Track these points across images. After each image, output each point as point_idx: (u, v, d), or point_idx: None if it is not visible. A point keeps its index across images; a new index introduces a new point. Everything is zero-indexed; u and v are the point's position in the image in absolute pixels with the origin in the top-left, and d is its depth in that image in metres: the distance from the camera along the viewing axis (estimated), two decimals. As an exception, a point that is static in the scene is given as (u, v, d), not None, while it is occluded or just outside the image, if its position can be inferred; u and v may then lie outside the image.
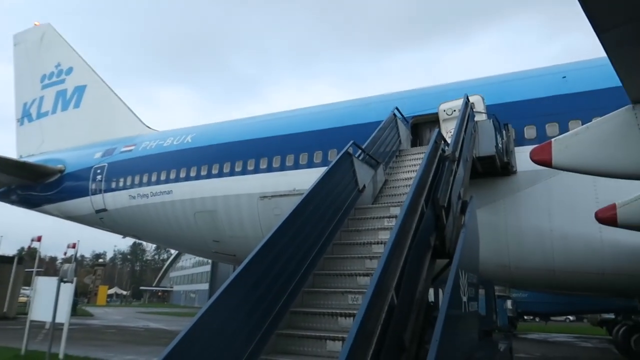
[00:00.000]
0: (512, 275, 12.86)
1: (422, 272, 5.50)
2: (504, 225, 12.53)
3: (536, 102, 13.05)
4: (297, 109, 19.20)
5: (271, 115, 19.48)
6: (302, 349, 5.14)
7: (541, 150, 7.02)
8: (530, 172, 11.70)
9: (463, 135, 9.06)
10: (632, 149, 6.21)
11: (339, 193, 7.38)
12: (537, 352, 18.53)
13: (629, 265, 11.17)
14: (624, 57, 5.48)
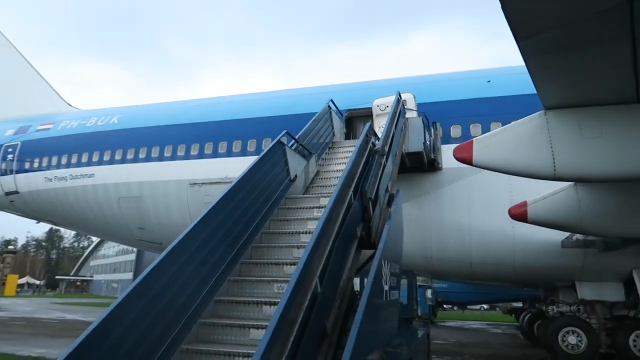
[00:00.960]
0: (434, 266, 13.56)
1: (347, 261, 5.63)
2: (428, 219, 13.16)
3: (463, 103, 13.78)
4: (232, 95, 18.82)
5: (204, 100, 18.92)
6: (225, 338, 5.08)
7: (463, 148, 7.43)
8: (454, 170, 12.34)
9: (393, 131, 9.35)
10: (542, 151, 6.76)
11: (270, 182, 7.34)
12: (453, 339, 19.74)
13: (537, 258, 12.18)
14: (539, 65, 5.92)
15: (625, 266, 11.42)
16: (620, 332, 12.39)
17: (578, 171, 6.76)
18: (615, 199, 8.67)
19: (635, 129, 6.50)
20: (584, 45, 5.39)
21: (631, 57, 5.63)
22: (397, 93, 11.79)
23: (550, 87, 6.42)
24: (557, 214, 9.17)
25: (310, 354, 4.17)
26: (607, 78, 6.12)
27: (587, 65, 5.85)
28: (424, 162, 12.53)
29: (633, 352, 12.10)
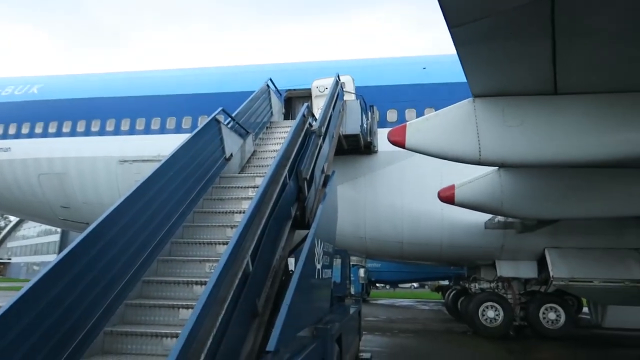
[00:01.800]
0: (367, 246, 13.98)
1: (281, 241, 5.65)
2: (363, 200, 13.48)
3: (399, 88, 14.12)
4: (167, 69, 18.00)
5: (136, 73, 17.93)
6: (153, 319, 4.94)
7: (397, 132, 7.64)
8: (389, 153, 12.67)
9: (331, 112, 9.41)
10: (469, 137, 7.11)
11: (204, 160, 7.15)
12: (384, 316, 20.60)
13: (462, 239, 12.92)
14: (468, 53, 6.17)
15: (539, 245, 12.41)
16: (532, 306, 13.55)
17: (500, 156, 7.18)
18: (532, 183, 9.34)
19: (552, 119, 6.99)
20: (509, 37, 5.68)
21: (551, 52, 6.02)
22: (335, 75, 11.84)
23: (478, 76, 6.73)
24: (481, 197, 9.73)
25: (240, 332, 4.17)
26: (528, 70, 6.52)
27: (511, 56, 6.18)
28: (361, 144, 12.77)
29: (542, 323, 13.31)
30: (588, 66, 6.36)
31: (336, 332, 5.72)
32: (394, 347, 11.68)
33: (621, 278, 11.44)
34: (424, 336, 13.86)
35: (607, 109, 6.74)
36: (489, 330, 13.27)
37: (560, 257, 11.97)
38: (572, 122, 6.79)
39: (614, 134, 6.69)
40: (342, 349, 6.27)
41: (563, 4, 5.05)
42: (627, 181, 9.22)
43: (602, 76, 6.56)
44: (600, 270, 11.62)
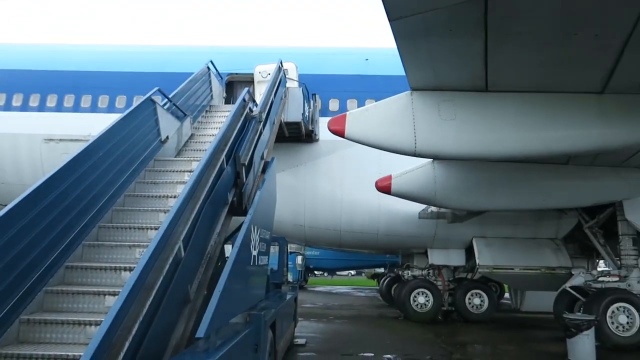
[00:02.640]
0: (306, 234, 14.09)
1: (216, 226, 5.55)
2: (303, 188, 13.55)
3: (341, 78, 14.26)
4: (99, 44, 16.93)
5: (64, 46, 16.72)
6: (76, 306, 4.68)
7: (337, 121, 7.72)
8: (330, 142, 12.76)
9: (272, 99, 9.32)
10: (405, 128, 7.33)
11: (137, 141, 6.83)
12: (321, 302, 20.95)
13: (397, 228, 13.38)
14: (407, 47, 6.34)
15: (468, 235, 13.13)
16: (459, 292, 14.36)
17: (435, 149, 7.48)
18: (463, 176, 9.84)
19: (482, 114, 7.37)
20: (445, 34, 5.89)
21: (483, 51, 6.32)
22: (278, 61, 11.72)
23: (415, 70, 6.94)
24: (416, 188, 10.12)
25: (170, 319, 4.07)
26: (462, 67, 6.81)
27: (446, 52, 6.43)
28: (302, 132, 12.78)
29: (468, 308, 14.15)
30: (516, 66, 6.76)
31: (270, 318, 5.73)
32: (329, 333, 11.93)
33: (538, 265, 12.40)
34: (357, 321, 14.26)
35: (532, 108, 7.21)
36: (419, 315, 13.91)
37: (485, 246, 12.74)
38: (500, 118, 7.19)
39: (537, 131, 7.16)
40: (276, 335, 6.30)
41: (495, 6, 5.32)
42: (548, 176, 9.97)
43: (529, 76, 7.00)
44: (521, 258, 12.51)
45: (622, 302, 9.80)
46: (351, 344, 9.97)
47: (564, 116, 7.18)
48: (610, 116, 7.07)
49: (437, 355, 8.95)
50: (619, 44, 6.03)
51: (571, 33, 5.89)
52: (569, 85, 7.12)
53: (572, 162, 9.84)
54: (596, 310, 9.60)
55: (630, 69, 6.50)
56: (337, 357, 8.73)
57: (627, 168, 9.86)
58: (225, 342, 3.92)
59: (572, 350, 8.58)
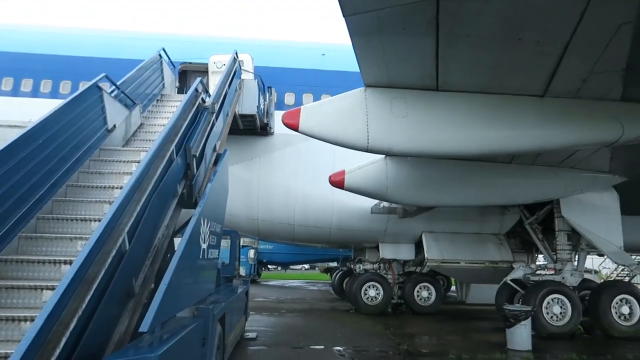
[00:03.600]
0: (259, 227, 14.01)
1: (164, 219, 5.42)
2: (257, 182, 13.46)
3: (298, 72, 14.24)
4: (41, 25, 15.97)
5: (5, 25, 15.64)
6: (9, 302, 4.42)
7: (291, 115, 7.71)
8: (285, 136, 12.73)
9: (227, 90, 9.17)
10: (359, 124, 7.43)
11: (81, 129, 6.51)
12: (273, 296, 20.92)
13: (350, 222, 13.58)
14: (361, 44, 6.42)
15: (417, 230, 13.54)
16: (408, 285, 14.77)
17: (387, 145, 7.62)
18: (414, 172, 10.10)
19: (433, 113, 7.59)
20: (398, 32, 6.02)
21: (434, 51, 6.51)
22: (234, 52, 11.54)
23: (369, 66, 7.04)
24: (369, 183, 10.29)
25: (112, 313, 3.94)
26: (414, 66, 6.98)
27: (399, 51, 6.56)
28: (257, 125, 12.68)
29: (416, 300, 14.60)
30: (465, 67, 7.00)
31: (219, 312, 5.67)
32: (280, 326, 11.94)
33: (482, 259, 12.98)
34: (309, 315, 14.36)
35: (479, 108, 7.50)
36: (369, 308, 14.20)
37: (434, 241, 13.18)
38: (449, 117, 7.44)
39: (483, 131, 7.47)
40: (225, 329, 6.24)
41: (446, 7, 5.48)
42: (493, 174, 10.43)
43: (477, 77, 7.27)
44: (466, 252, 13.05)
45: (557, 293, 10.45)
46: (302, 337, 10.03)
47: (508, 117, 7.52)
48: (549, 119, 7.47)
49: (385, 347, 9.17)
50: (559, 51, 6.39)
51: (515, 38, 6.17)
52: (514, 88, 7.46)
53: (516, 161, 10.34)
54: (533, 302, 10.18)
55: (568, 75, 6.90)
56: (287, 350, 8.76)
57: (564, 168, 10.48)
58: (171, 336, 3.85)
59: (511, 339, 9.07)
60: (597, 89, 7.23)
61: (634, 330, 10.40)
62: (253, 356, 8.30)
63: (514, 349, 8.89)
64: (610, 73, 6.83)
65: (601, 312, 10.52)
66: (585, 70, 6.79)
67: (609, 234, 10.50)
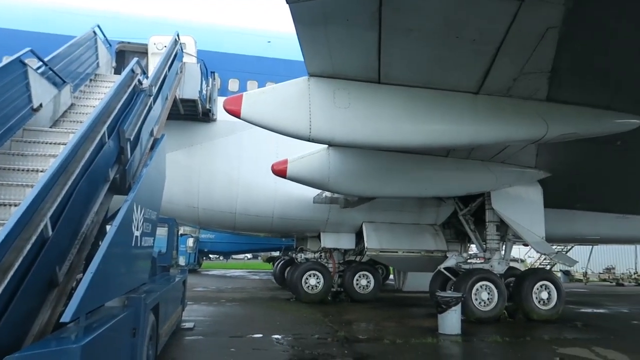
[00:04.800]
0: (199, 216, 13.70)
1: (94, 205, 5.15)
2: (198, 169, 13.13)
3: (243, 58, 13.96)
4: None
5: None
6: None
7: (233, 101, 7.55)
8: (228, 123, 12.47)
9: (166, 72, 8.84)
10: (301, 113, 7.42)
11: (1, 107, 6.03)
12: (213, 286, 20.62)
13: (292, 211, 13.60)
14: (305, 32, 6.40)
15: (358, 220, 13.82)
16: (348, 274, 15.10)
17: (329, 135, 7.67)
18: (356, 163, 10.26)
19: (374, 105, 7.72)
20: (342, 23, 6.06)
21: (377, 44, 6.61)
22: (175, 33, 11.10)
23: (313, 56, 7.04)
24: (311, 173, 10.34)
25: (32, 303, 3.71)
26: (357, 57, 7.06)
27: (342, 41, 6.61)
28: (199, 111, 12.33)
29: (355, 288, 14.95)
30: (406, 61, 7.18)
31: (152, 301, 5.50)
32: (219, 316, 11.80)
33: (419, 249, 13.51)
34: (249, 304, 14.30)
35: (418, 102, 7.72)
36: (310, 296, 14.37)
37: (374, 231, 13.53)
38: (389, 110, 7.60)
39: (421, 124, 7.71)
40: (159, 318, 6.08)
41: (389, 1, 5.58)
42: (430, 167, 10.82)
43: (417, 72, 7.47)
44: (404, 242, 13.52)
45: (485, 280, 11.08)
46: (241, 326, 9.98)
47: (445, 112, 7.81)
48: (482, 115, 7.84)
49: (323, 334, 9.33)
50: (492, 51, 6.71)
51: (453, 35, 6.40)
52: (451, 84, 7.75)
53: (452, 155, 10.80)
54: (464, 289, 10.74)
55: (500, 74, 7.26)
56: (225, 339, 8.68)
57: (495, 163, 11.07)
58: (97, 327, 3.69)
59: (442, 324, 9.54)
60: (526, 88, 7.67)
61: (550, 313, 11.29)
62: (189, 346, 8.15)
63: (444, 333, 9.36)
64: (538, 74, 7.27)
65: (523, 297, 11.31)
66: (516, 70, 7.18)
67: (533, 225, 11.25)
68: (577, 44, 6.52)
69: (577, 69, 7.22)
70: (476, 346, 8.67)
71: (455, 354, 8.15)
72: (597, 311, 14.15)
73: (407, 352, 7.92)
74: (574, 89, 7.75)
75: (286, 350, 7.93)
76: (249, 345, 8.20)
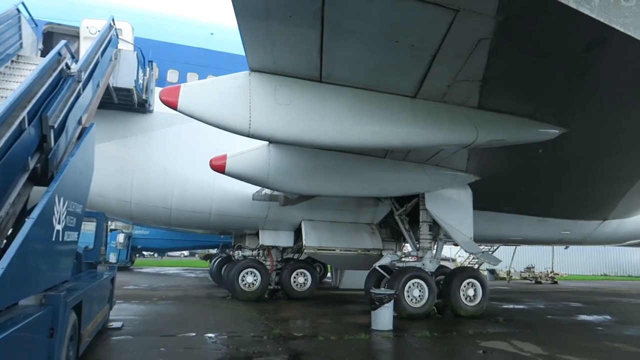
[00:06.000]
0: (132, 211, 13.10)
1: (9, 196, 4.77)
2: (132, 162, 12.56)
3: (183, 48, 13.52)
4: None
5: None
6: None
7: (170, 92, 7.29)
8: (166, 115, 12.01)
9: (98, 58, 8.36)
10: (241, 108, 7.31)
11: None
12: (146, 284, 19.83)
13: (231, 208, 13.37)
14: (247, 27, 6.31)
15: (297, 217, 13.85)
16: (286, 272, 15.10)
17: (269, 132, 7.62)
18: (296, 161, 10.27)
19: (315, 104, 7.76)
20: (285, 20, 6.03)
21: (319, 43, 6.65)
22: (110, 18, 10.53)
23: (255, 51, 6.96)
24: (251, 169, 10.21)
25: None
26: (299, 55, 7.06)
27: (285, 38, 6.59)
28: (134, 101, 11.79)
29: (292, 286, 14.99)
30: (347, 62, 7.28)
31: (73, 300, 5.19)
32: (150, 315, 11.36)
33: (356, 247, 13.77)
34: (183, 302, 13.90)
35: (358, 103, 7.86)
36: (246, 294, 14.21)
37: (312, 229, 13.62)
38: (329, 109, 7.68)
39: (360, 125, 7.85)
40: (81, 318, 5.75)
41: (332, 1, 5.63)
42: (369, 167, 11.06)
43: (358, 73, 7.60)
44: (342, 240, 13.73)
45: (417, 278, 11.51)
46: (173, 325, 9.68)
47: (383, 114, 8.00)
48: (419, 119, 8.12)
49: (259, 332, 9.26)
50: (429, 57, 6.96)
51: (393, 40, 6.58)
52: (390, 87, 7.96)
53: (389, 156, 11.10)
54: (397, 286, 11.09)
55: (436, 80, 7.56)
56: (155, 338, 8.37)
57: (430, 165, 11.53)
58: (8, 326, 3.42)
59: (375, 321, 9.79)
60: (459, 95, 8.04)
61: (476, 309, 11.94)
62: (116, 346, 7.79)
63: (377, 329, 9.61)
64: (470, 82, 7.64)
65: (452, 294, 11.87)
66: (450, 77, 7.50)
67: (462, 226, 11.84)
68: (506, 56, 6.92)
69: (505, 79, 7.66)
70: (406, 341, 8.98)
71: (386, 349, 8.39)
72: (517, 307, 15.15)
73: (340, 348, 8.05)
74: (502, 98, 8.24)
75: (219, 348, 7.80)
76: (180, 345, 7.97)
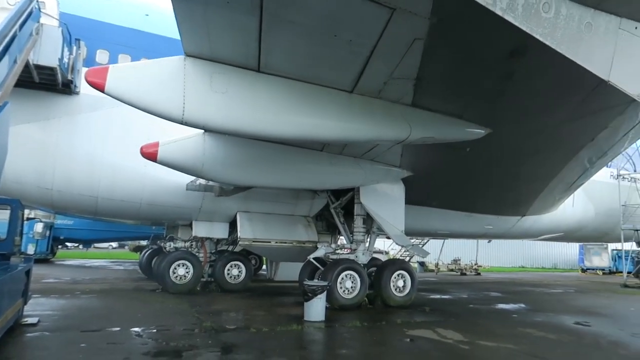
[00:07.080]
0: (53, 199, 12.25)
1: None
2: (55, 146, 11.74)
3: (115, 28, 12.80)
4: None
5: None
6: None
7: (96, 72, 6.86)
8: (94, 97, 11.33)
9: (16, 31, 7.70)
10: (174, 94, 7.04)
11: None
12: (68, 277, 18.66)
13: (163, 198, 12.90)
14: (182, 10, 6.08)
15: (233, 209, 13.64)
16: (219, 264, 14.87)
17: (203, 120, 7.38)
18: (232, 151, 10.08)
19: (252, 93, 7.62)
20: (221, 5, 5.88)
21: (257, 31, 6.56)
22: (32, -11, 9.73)
23: (190, 35, 6.73)
24: (184, 158, 9.89)
25: None
26: (237, 43, 6.92)
27: (222, 25, 6.42)
28: (58, 81, 11.00)
29: (226, 278, 14.79)
30: (286, 52, 7.23)
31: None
32: (71, 309, 10.71)
33: (291, 239, 13.82)
34: (109, 295, 13.24)
35: (295, 95, 7.84)
36: (177, 287, 13.82)
37: (248, 220, 13.48)
38: (266, 99, 7.60)
39: (296, 117, 7.84)
40: (-11, 312, 5.31)
41: (270, -11, 5.56)
42: (306, 159, 11.10)
43: (296, 65, 7.59)
44: (277, 232, 13.71)
45: (350, 270, 11.78)
46: (96, 320, 9.20)
47: (320, 107, 8.05)
48: (355, 113, 8.26)
49: (189, 325, 9.04)
50: (367, 53, 7.10)
51: (332, 33, 6.63)
52: (328, 80, 8.02)
53: (326, 149, 11.21)
54: (330, 277, 11.28)
55: (372, 76, 7.73)
56: (75, 334, 7.92)
57: (365, 160, 11.79)
58: None
59: (308, 312, 9.90)
60: (394, 92, 8.28)
61: (405, 300, 12.44)
62: (30, 343, 7.29)
63: (309, 320, 9.73)
64: (405, 80, 7.89)
65: (382, 285, 12.28)
66: (386, 74, 7.70)
67: (395, 219, 12.25)
68: (438, 56, 7.21)
69: (437, 79, 7.99)
70: (337, 331, 9.17)
71: (317, 339, 8.52)
72: (443, 297, 15.97)
73: (272, 339, 8.06)
74: (434, 97, 8.59)
75: (146, 343, 7.52)
76: (103, 340, 7.59)
